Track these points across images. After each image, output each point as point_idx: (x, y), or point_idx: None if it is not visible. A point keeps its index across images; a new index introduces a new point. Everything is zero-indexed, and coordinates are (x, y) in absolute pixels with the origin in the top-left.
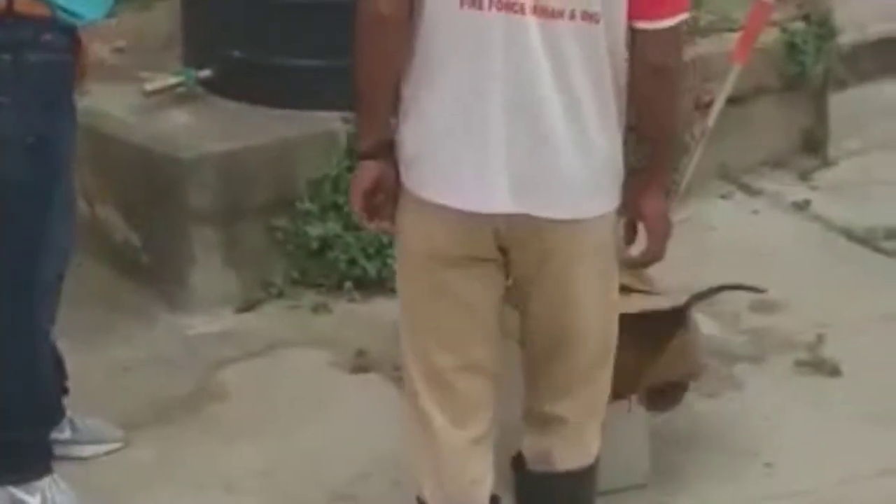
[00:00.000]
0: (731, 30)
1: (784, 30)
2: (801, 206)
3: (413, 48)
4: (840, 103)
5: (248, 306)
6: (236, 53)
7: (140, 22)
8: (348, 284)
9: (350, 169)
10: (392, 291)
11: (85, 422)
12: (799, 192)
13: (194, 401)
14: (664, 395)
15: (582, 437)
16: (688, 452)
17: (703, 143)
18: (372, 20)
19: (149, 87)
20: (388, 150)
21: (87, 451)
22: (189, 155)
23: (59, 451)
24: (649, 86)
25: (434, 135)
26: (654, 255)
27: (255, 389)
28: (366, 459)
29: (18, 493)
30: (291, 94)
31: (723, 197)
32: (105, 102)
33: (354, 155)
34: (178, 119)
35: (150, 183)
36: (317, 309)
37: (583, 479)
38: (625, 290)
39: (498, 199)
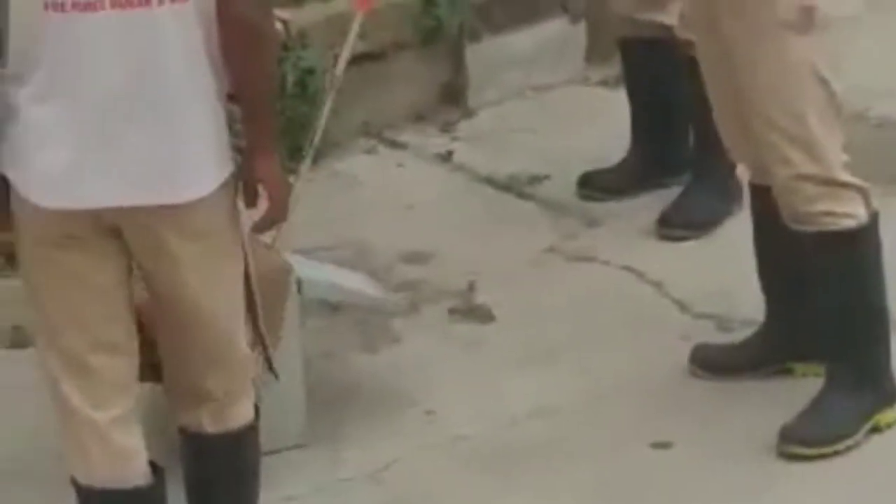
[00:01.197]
0: None
1: None
2: (445, 158)
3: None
4: (476, 55)
5: None
6: None
7: None
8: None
9: None
10: None
11: None
12: (442, 143)
13: None
14: None
15: (232, 407)
16: (349, 408)
17: (332, 93)
18: None
19: None
20: None
21: None
22: None
23: None
24: (241, 47)
25: (30, 136)
26: (275, 216)
27: None
28: (27, 432)
29: None
30: None
31: (367, 152)
32: None
33: None
34: None
35: None
36: None
37: (240, 438)
38: None
39: (90, 195)
